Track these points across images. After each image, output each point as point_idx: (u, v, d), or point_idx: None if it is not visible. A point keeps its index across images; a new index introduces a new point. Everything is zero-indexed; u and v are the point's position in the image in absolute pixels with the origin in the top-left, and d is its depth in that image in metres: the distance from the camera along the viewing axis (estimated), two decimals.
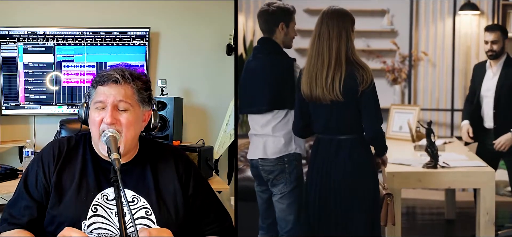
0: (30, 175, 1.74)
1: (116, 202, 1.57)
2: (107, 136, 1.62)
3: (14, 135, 3.88)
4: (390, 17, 4.93)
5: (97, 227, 1.64)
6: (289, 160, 2.57)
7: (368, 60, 4.84)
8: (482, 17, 4.83)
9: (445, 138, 4.06)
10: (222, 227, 1.85)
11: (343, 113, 2.36)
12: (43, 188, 1.69)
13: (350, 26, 2.36)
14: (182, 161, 1.84)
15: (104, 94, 1.68)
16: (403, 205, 3.38)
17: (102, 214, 1.66)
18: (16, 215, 1.69)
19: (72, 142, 1.79)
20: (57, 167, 1.71)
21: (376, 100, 2.37)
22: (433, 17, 4.92)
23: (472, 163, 3.09)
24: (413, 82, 4.95)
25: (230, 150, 3.89)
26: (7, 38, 3.81)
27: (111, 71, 1.71)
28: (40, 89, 3.90)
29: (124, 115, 1.69)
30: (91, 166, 1.73)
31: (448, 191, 4.09)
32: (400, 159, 3.10)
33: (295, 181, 2.58)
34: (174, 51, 4.18)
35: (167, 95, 3.77)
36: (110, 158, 1.56)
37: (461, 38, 4.87)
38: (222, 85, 4.16)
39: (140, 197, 1.71)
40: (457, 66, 4.89)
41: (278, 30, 2.61)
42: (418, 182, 2.92)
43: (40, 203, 1.69)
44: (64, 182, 1.69)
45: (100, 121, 1.67)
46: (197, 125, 4.20)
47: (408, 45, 4.93)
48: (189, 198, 1.79)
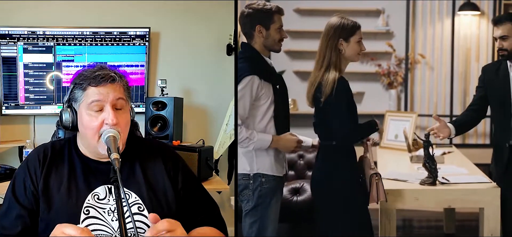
0: (18, 183, 1.70)
1: (116, 202, 1.56)
2: (107, 136, 1.61)
3: (14, 135, 3.88)
4: (385, 18, 4.76)
5: (92, 229, 1.62)
6: (254, 177, 2.42)
7: (362, 63, 4.69)
8: (482, 18, 4.67)
9: (444, 147, 3.81)
10: (210, 217, 1.84)
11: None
12: (33, 195, 1.66)
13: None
14: (170, 156, 1.83)
15: (101, 94, 1.65)
16: (399, 217, 3.05)
17: (95, 215, 1.65)
18: (8, 226, 1.64)
19: (57, 146, 1.75)
20: (43, 173, 1.68)
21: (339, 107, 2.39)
22: (431, 17, 4.75)
23: (474, 178, 2.81)
24: (409, 87, 4.78)
25: (230, 150, 3.89)
26: (7, 38, 3.81)
27: (103, 71, 1.67)
28: (40, 89, 3.90)
29: (122, 114, 1.68)
30: (79, 169, 1.70)
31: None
32: (395, 174, 2.88)
33: (258, 199, 2.42)
34: (174, 51, 4.18)
35: (167, 95, 3.77)
36: (110, 158, 1.55)
37: (461, 40, 4.70)
38: (222, 85, 4.16)
39: (131, 193, 1.69)
40: (456, 69, 4.71)
41: (256, 34, 2.42)
42: (415, 200, 2.63)
43: (31, 210, 1.65)
44: (51, 187, 1.66)
45: (100, 124, 1.64)
46: (197, 125, 4.20)
47: (405, 47, 4.75)
48: (179, 192, 1.78)
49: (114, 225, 1.64)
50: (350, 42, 2.40)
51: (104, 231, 1.64)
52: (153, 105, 3.70)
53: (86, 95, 1.66)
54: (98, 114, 1.65)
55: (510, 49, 2.71)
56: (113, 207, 1.66)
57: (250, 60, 2.42)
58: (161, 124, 3.69)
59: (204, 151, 3.10)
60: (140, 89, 4.06)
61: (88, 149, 1.73)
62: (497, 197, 2.59)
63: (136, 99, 4.05)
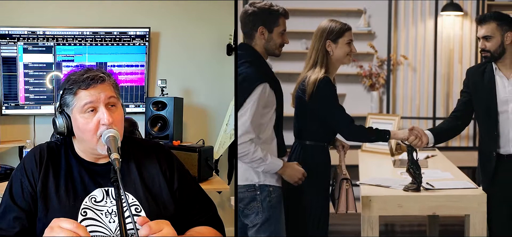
0: (15, 185, 1.68)
1: (116, 202, 1.56)
2: (107, 136, 1.61)
3: (14, 135, 3.88)
4: (367, 18, 4.64)
5: (90, 230, 1.61)
6: (260, 187, 2.25)
7: (348, 62, 4.63)
8: (465, 18, 4.58)
9: (427, 151, 3.61)
10: (207, 216, 1.83)
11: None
12: (30, 196, 1.65)
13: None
14: (164, 156, 1.82)
15: (92, 95, 1.64)
16: (381, 222, 2.83)
17: (93, 216, 1.64)
18: (5, 227, 1.63)
19: (53, 147, 1.74)
20: (40, 174, 1.67)
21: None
22: (413, 18, 4.66)
23: (460, 184, 2.70)
24: (392, 88, 4.69)
25: (230, 150, 3.89)
26: (7, 38, 3.81)
27: (91, 72, 1.66)
28: (40, 89, 3.90)
29: (116, 112, 1.68)
30: (76, 170, 1.70)
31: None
32: (377, 180, 2.75)
33: (270, 210, 2.25)
34: (174, 51, 4.18)
35: (167, 95, 3.78)
36: (110, 158, 1.54)
37: (444, 41, 4.62)
38: (222, 85, 4.16)
39: (128, 194, 1.69)
40: (439, 71, 4.63)
41: (257, 35, 2.27)
42: (398, 207, 2.51)
43: (29, 211, 1.64)
44: (49, 189, 1.65)
45: (96, 125, 1.63)
46: (197, 125, 4.20)
47: (387, 48, 4.66)
48: (175, 192, 1.77)
49: (111, 226, 1.64)
50: (339, 43, 2.43)
51: (101, 232, 1.63)
52: (153, 105, 3.70)
53: (78, 98, 1.65)
54: (92, 115, 1.64)
55: (493, 50, 2.51)
56: (111, 209, 1.66)
57: (257, 65, 2.27)
58: (161, 124, 3.69)
59: (204, 151, 3.10)
60: (140, 89, 4.06)
61: (85, 151, 1.72)
62: (483, 204, 2.50)
63: (136, 99, 4.05)
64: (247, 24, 2.29)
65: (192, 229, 1.76)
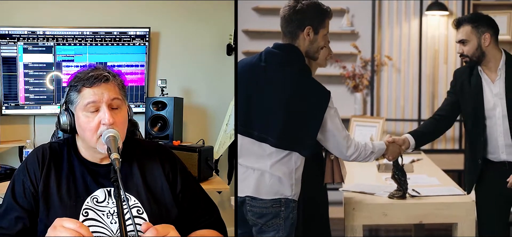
0: (17, 185, 1.69)
1: (116, 202, 1.56)
2: (108, 136, 1.61)
3: (14, 135, 3.88)
4: (350, 17, 4.52)
5: (91, 231, 1.58)
6: (286, 203, 2.05)
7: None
8: (451, 18, 4.44)
9: (412, 154, 3.48)
10: (211, 220, 1.83)
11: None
12: (32, 196, 1.65)
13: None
14: (167, 158, 1.82)
15: (95, 94, 1.64)
16: (365, 228, 2.74)
17: (94, 217, 1.64)
18: (7, 227, 1.63)
19: (55, 147, 1.75)
20: (43, 174, 1.67)
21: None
22: (397, 17, 4.55)
23: (447, 190, 2.61)
24: (376, 90, 4.58)
25: (230, 150, 3.89)
26: (7, 38, 3.81)
27: (96, 71, 1.67)
28: (40, 89, 3.90)
29: (118, 113, 1.68)
30: (79, 171, 1.70)
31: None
32: (361, 186, 2.64)
33: (290, 228, 2.08)
34: (174, 51, 4.18)
35: (167, 95, 3.78)
36: (110, 158, 1.54)
37: (428, 41, 4.52)
38: (222, 85, 4.16)
39: (130, 195, 1.69)
40: (424, 71, 4.53)
41: (302, 36, 2.05)
42: (383, 216, 2.41)
43: (31, 211, 1.65)
44: (51, 189, 1.66)
45: (97, 125, 1.64)
46: (197, 125, 4.20)
47: (370, 49, 4.54)
48: (178, 195, 1.77)
49: (113, 227, 1.64)
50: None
51: (103, 233, 1.63)
52: (153, 105, 3.70)
53: (82, 96, 1.66)
54: (94, 114, 1.65)
55: (470, 54, 2.40)
56: (112, 210, 1.66)
57: (310, 72, 2.10)
58: (161, 124, 3.69)
59: (204, 151, 3.10)
60: (140, 89, 4.06)
61: (87, 151, 1.73)
62: (472, 211, 2.41)
63: (136, 99, 4.05)
64: (292, 22, 2.05)
65: (195, 232, 1.76)
